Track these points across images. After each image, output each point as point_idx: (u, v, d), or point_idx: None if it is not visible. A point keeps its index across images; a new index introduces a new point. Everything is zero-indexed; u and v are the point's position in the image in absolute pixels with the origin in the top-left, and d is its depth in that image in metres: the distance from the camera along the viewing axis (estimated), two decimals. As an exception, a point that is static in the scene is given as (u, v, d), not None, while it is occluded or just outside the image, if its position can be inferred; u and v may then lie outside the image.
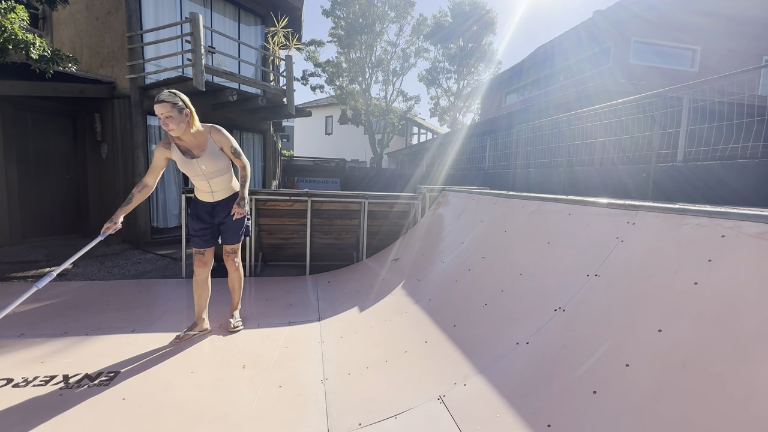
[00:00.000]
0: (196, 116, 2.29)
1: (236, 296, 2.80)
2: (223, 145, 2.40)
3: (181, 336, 2.43)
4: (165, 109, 2.13)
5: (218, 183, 2.47)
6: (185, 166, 2.36)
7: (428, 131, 23.54)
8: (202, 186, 2.47)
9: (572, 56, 11.61)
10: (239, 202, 2.44)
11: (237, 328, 2.68)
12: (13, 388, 1.88)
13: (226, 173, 2.48)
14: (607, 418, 1.30)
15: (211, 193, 2.50)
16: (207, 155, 2.35)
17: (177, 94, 2.19)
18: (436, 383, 1.84)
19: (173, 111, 2.15)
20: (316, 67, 16.34)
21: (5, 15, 3.43)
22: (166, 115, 2.14)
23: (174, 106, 2.15)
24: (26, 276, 3.97)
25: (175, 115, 2.16)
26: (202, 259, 2.56)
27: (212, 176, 2.42)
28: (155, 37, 6.12)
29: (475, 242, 3.09)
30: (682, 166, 4.06)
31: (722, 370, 1.19)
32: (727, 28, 10.12)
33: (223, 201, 2.55)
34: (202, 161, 2.35)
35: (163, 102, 2.13)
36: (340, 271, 4.33)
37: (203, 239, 2.55)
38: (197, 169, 2.36)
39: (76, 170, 6.21)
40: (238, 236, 2.63)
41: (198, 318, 2.58)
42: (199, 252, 2.57)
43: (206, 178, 2.41)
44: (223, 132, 2.41)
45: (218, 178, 2.45)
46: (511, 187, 6.97)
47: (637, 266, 1.73)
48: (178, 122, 2.17)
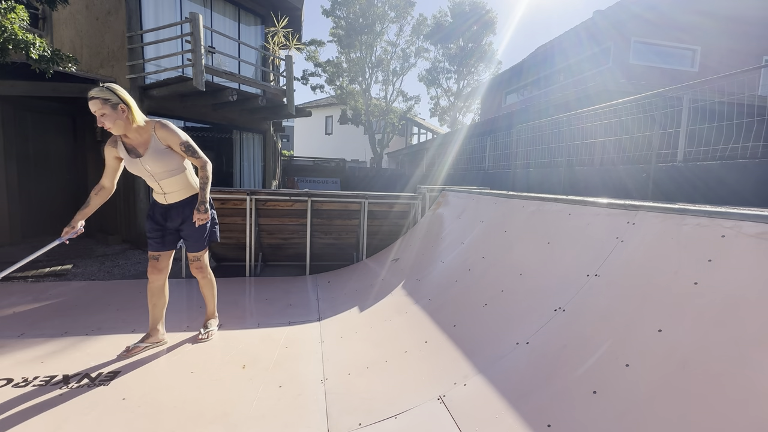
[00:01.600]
0: (136, 111, 2.06)
1: (210, 304, 2.62)
2: (169, 142, 2.15)
3: (131, 348, 2.25)
4: (96, 106, 1.94)
5: (170, 184, 2.24)
6: (131, 165, 2.15)
7: (428, 131, 23.53)
8: (154, 187, 2.26)
9: (572, 56, 11.61)
10: (199, 206, 2.20)
11: (205, 339, 2.49)
12: (13, 388, 1.88)
13: (179, 173, 2.24)
14: (607, 418, 1.30)
15: (163, 195, 2.28)
16: (151, 154, 2.11)
17: (110, 88, 1.98)
18: (436, 383, 1.84)
19: (105, 108, 1.94)
20: (316, 67, 16.34)
21: (5, 15, 3.43)
22: (99, 112, 1.95)
23: (106, 102, 1.94)
24: (26, 276, 3.97)
25: (109, 112, 1.95)
26: (155, 264, 2.32)
27: (162, 177, 2.20)
28: (155, 37, 6.12)
29: (475, 242, 3.09)
30: (682, 166, 4.06)
31: (722, 370, 1.19)
32: (727, 28, 10.12)
33: (177, 204, 2.31)
34: (145, 160, 2.12)
35: (93, 99, 1.93)
36: (340, 271, 4.33)
37: (156, 241, 2.32)
38: (142, 169, 2.15)
39: (76, 170, 6.21)
40: (201, 244, 2.40)
41: (152, 329, 2.38)
42: (152, 256, 2.33)
43: (155, 179, 2.20)
44: (170, 127, 2.15)
45: (170, 178, 2.22)
46: (511, 187, 6.97)
47: (637, 266, 1.73)
48: (113, 119, 1.97)
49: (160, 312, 2.40)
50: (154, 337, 2.37)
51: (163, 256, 2.35)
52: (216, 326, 2.64)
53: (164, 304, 2.41)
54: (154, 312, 2.38)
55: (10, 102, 5.22)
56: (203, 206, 2.21)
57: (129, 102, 2.03)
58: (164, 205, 2.31)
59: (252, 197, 4.16)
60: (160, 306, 2.39)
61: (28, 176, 5.57)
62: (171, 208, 2.30)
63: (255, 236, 4.29)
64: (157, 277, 2.34)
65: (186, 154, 2.19)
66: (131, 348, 2.26)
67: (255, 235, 4.29)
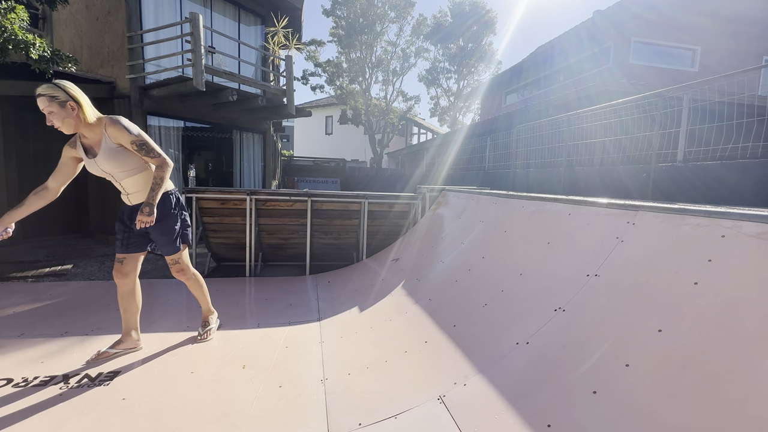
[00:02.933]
0: (87, 108, 1.93)
1: (203, 303, 2.56)
2: (120, 140, 1.99)
3: (101, 352, 2.17)
4: (43, 103, 1.82)
5: (131, 184, 2.11)
6: (89, 166, 2.04)
7: (428, 131, 23.54)
8: (117, 187, 2.15)
9: (572, 56, 11.61)
10: (143, 208, 1.97)
11: (205, 338, 2.47)
12: (13, 388, 1.88)
13: (139, 172, 2.09)
14: (607, 418, 1.30)
15: (126, 195, 2.16)
16: (103, 153, 1.98)
17: (59, 84, 1.86)
18: (436, 383, 1.84)
19: (53, 105, 1.82)
20: (317, 67, 16.35)
21: (5, 15, 3.44)
22: (47, 110, 1.84)
23: (53, 100, 1.83)
24: (26, 276, 3.98)
25: (56, 110, 1.83)
26: (119, 268, 2.20)
27: (121, 176, 2.07)
28: (155, 37, 6.13)
29: (475, 242, 3.09)
30: (682, 166, 4.06)
31: (722, 370, 1.19)
32: (727, 28, 10.12)
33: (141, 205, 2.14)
34: (99, 160, 1.99)
35: (40, 96, 1.82)
36: (340, 271, 4.33)
37: (121, 242, 2.20)
38: (98, 169, 2.03)
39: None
40: (172, 246, 2.27)
41: (124, 334, 2.28)
42: (117, 258, 2.22)
43: (114, 179, 2.09)
44: (121, 124, 1.98)
45: (129, 178, 2.08)
46: (511, 187, 6.97)
47: (637, 266, 1.73)
48: (62, 118, 1.85)
49: (132, 317, 2.28)
50: (127, 343, 2.27)
51: (128, 259, 2.22)
52: (215, 323, 2.62)
53: (136, 309, 2.30)
54: (126, 317, 2.27)
55: (10, 102, 5.22)
56: (147, 208, 1.97)
57: (79, 99, 1.90)
58: (130, 206, 2.19)
59: (252, 197, 4.16)
60: (131, 311, 2.27)
61: (28, 176, 5.57)
62: (135, 210, 2.17)
63: (255, 236, 4.29)
64: (123, 281, 2.22)
65: (139, 152, 2.02)
66: (102, 352, 2.17)
67: (255, 235, 4.29)
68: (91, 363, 2.12)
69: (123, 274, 2.22)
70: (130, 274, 2.23)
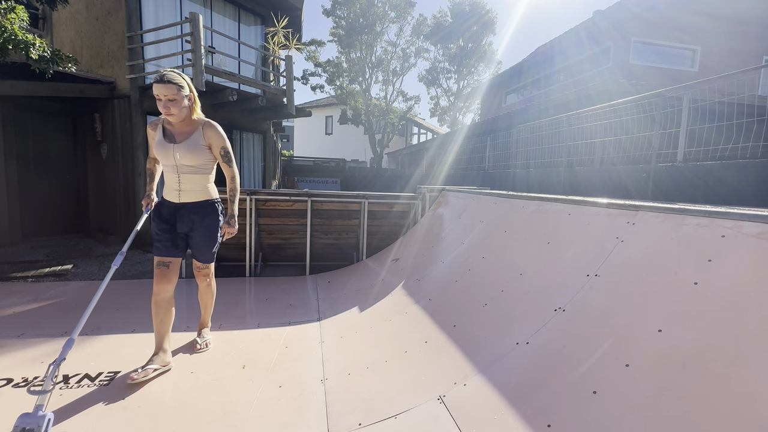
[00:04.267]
0: (198, 103, 2.08)
1: (207, 313, 2.46)
2: (212, 142, 2.09)
3: (139, 372, 1.91)
4: (170, 91, 1.89)
5: (190, 181, 2.10)
6: (160, 149, 2.03)
7: (428, 131, 23.54)
8: (171, 180, 2.10)
9: (572, 56, 11.61)
10: (229, 220, 2.16)
11: (203, 349, 2.36)
12: (13, 388, 1.88)
13: (203, 173, 2.12)
14: (607, 418, 1.30)
15: (178, 191, 2.10)
16: (186, 144, 2.02)
17: (183, 75, 1.97)
18: (436, 383, 1.84)
19: (178, 94, 1.92)
20: (317, 67, 16.35)
21: (5, 15, 3.43)
22: (170, 97, 1.90)
23: (180, 89, 1.92)
24: (26, 276, 3.97)
25: (180, 99, 1.93)
26: (164, 273, 2.05)
27: (185, 171, 2.07)
28: (155, 37, 6.12)
29: (475, 242, 3.09)
30: (682, 166, 4.06)
31: (722, 370, 1.19)
32: (727, 28, 10.12)
33: (189, 205, 2.12)
34: (178, 149, 2.01)
35: (169, 83, 1.88)
36: (340, 271, 4.33)
37: (165, 244, 2.09)
38: (170, 156, 2.02)
39: (76, 170, 6.21)
40: (211, 254, 2.25)
41: (159, 348, 2.06)
42: (161, 262, 2.06)
43: (177, 171, 2.07)
44: (219, 129, 2.11)
45: (192, 175, 2.09)
46: (511, 187, 6.97)
47: (637, 266, 1.73)
48: (180, 107, 1.94)
49: (167, 329, 2.09)
50: (162, 358, 2.04)
51: (174, 262, 2.10)
52: (210, 335, 2.49)
53: (171, 319, 2.12)
54: (161, 329, 2.07)
55: (10, 102, 5.22)
56: (233, 220, 2.18)
57: (195, 93, 2.03)
58: (174, 204, 2.12)
59: (252, 197, 4.16)
60: (167, 322, 2.09)
61: (28, 176, 5.57)
62: (181, 208, 2.12)
63: (255, 236, 4.29)
64: (165, 288, 2.05)
65: (222, 159, 2.14)
66: (140, 373, 1.91)
67: (255, 235, 4.29)
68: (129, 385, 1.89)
69: (168, 280, 2.05)
70: (174, 279, 2.09)
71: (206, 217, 2.15)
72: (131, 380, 1.89)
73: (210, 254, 2.25)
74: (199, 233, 2.15)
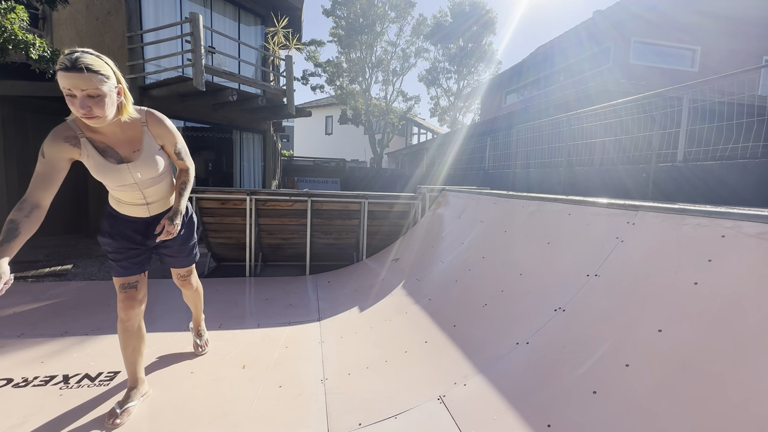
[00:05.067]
0: (130, 96, 1.46)
1: (199, 311, 2.27)
2: (165, 140, 1.61)
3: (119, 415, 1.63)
4: (89, 83, 1.26)
5: (156, 192, 1.69)
6: (107, 174, 1.50)
7: (428, 131, 23.54)
8: (131, 198, 1.65)
9: (572, 56, 11.62)
10: (171, 216, 1.62)
11: (204, 349, 2.28)
12: (13, 388, 1.88)
13: (165, 178, 1.72)
14: (607, 418, 1.30)
15: (146, 206, 1.70)
16: (144, 158, 1.54)
17: (104, 58, 1.34)
18: (436, 383, 1.84)
19: (102, 87, 1.29)
20: (317, 67, 16.36)
21: (5, 15, 3.44)
22: (90, 92, 1.27)
23: (105, 81, 1.30)
24: (26, 276, 3.97)
25: (105, 95, 1.31)
26: (133, 296, 1.71)
27: (148, 184, 1.63)
28: (155, 37, 6.13)
29: (475, 242, 3.09)
30: (682, 166, 4.06)
31: (722, 370, 1.19)
32: (727, 28, 10.12)
33: (161, 215, 1.77)
34: (136, 167, 1.53)
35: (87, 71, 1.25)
36: (340, 271, 4.33)
37: (130, 262, 1.72)
38: (128, 177, 1.54)
39: (76, 170, 6.19)
40: (191, 257, 1.98)
41: (134, 380, 1.78)
42: (127, 284, 1.70)
43: (139, 188, 1.62)
44: (166, 123, 1.60)
45: (155, 186, 1.67)
46: (511, 187, 6.97)
47: (637, 266, 1.73)
48: (106, 106, 1.33)
49: (139, 356, 1.79)
50: (140, 389, 1.79)
51: (141, 280, 1.77)
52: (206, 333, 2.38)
53: (145, 344, 1.82)
54: (134, 358, 1.76)
55: (10, 102, 5.22)
56: (177, 215, 1.64)
57: (124, 83, 1.43)
58: (143, 219, 1.73)
59: (252, 197, 4.16)
60: (140, 348, 1.79)
61: (28, 176, 5.54)
62: (153, 222, 1.74)
63: (255, 236, 4.29)
64: (136, 312, 1.72)
65: (177, 158, 1.71)
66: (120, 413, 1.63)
67: (255, 235, 4.29)
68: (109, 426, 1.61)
69: (138, 302, 1.74)
70: (143, 299, 1.78)
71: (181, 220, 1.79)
72: (112, 425, 1.59)
73: (192, 256, 2.00)
74: (175, 240, 1.84)
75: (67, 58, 1.25)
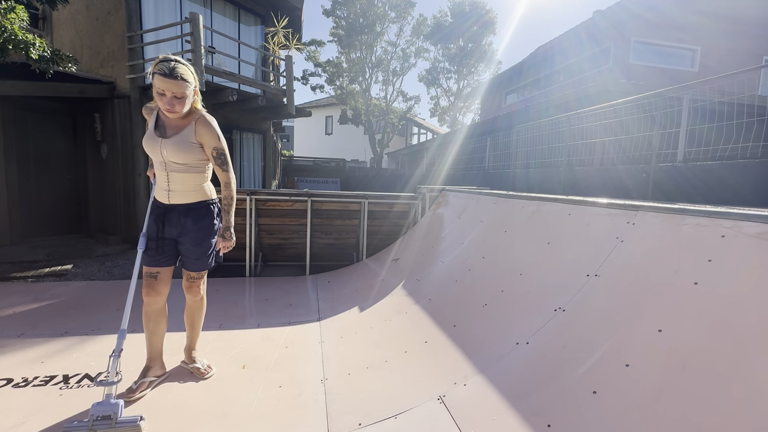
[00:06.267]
0: (200, 96, 1.87)
1: (196, 334, 2.13)
2: (204, 140, 1.81)
3: (134, 388, 1.82)
4: (179, 88, 1.66)
5: (180, 180, 1.83)
6: (148, 142, 1.79)
7: (428, 131, 23.54)
8: (160, 179, 1.85)
9: (572, 56, 11.61)
10: (224, 233, 1.89)
11: (209, 372, 2.07)
12: (13, 388, 1.88)
13: (195, 172, 1.85)
14: (607, 418, 1.30)
15: (167, 191, 1.84)
16: (175, 141, 1.76)
17: (189, 67, 1.73)
18: (436, 383, 1.84)
19: (188, 91, 1.70)
20: (317, 67, 16.37)
21: (5, 15, 3.43)
22: (179, 94, 1.67)
23: (189, 86, 1.70)
24: (26, 276, 3.97)
25: (186, 97, 1.71)
26: (152, 284, 1.86)
27: (175, 168, 1.81)
28: (155, 37, 6.12)
29: (475, 242, 3.09)
30: (682, 166, 4.06)
31: (722, 370, 1.19)
32: (727, 28, 10.12)
33: (180, 207, 1.86)
34: (166, 144, 1.76)
35: (180, 80, 1.65)
36: (340, 271, 4.33)
37: (149, 253, 1.86)
38: (158, 151, 1.77)
39: (76, 170, 6.21)
40: (204, 261, 1.96)
41: (151, 360, 1.93)
42: (149, 274, 1.86)
43: (165, 168, 1.81)
44: (213, 127, 1.82)
45: (182, 174, 1.82)
46: (511, 187, 6.97)
47: (637, 266, 1.73)
48: (185, 105, 1.73)
49: (159, 340, 1.95)
50: (155, 370, 1.93)
51: (164, 272, 1.89)
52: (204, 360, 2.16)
53: (164, 330, 1.96)
54: (153, 339, 1.93)
55: (10, 102, 5.21)
56: (228, 232, 1.88)
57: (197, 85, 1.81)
58: (164, 206, 1.87)
59: (252, 197, 4.16)
60: (159, 333, 1.93)
61: (28, 176, 5.56)
62: (171, 210, 1.86)
63: (255, 236, 4.29)
64: (155, 300, 1.88)
65: (215, 161, 1.86)
66: (135, 388, 1.81)
67: (255, 235, 4.29)
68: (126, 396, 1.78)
69: (157, 292, 1.87)
70: (164, 291, 1.90)
71: (199, 220, 1.89)
72: (128, 398, 1.77)
73: (203, 261, 1.95)
74: (189, 238, 1.88)
75: (165, 65, 1.64)
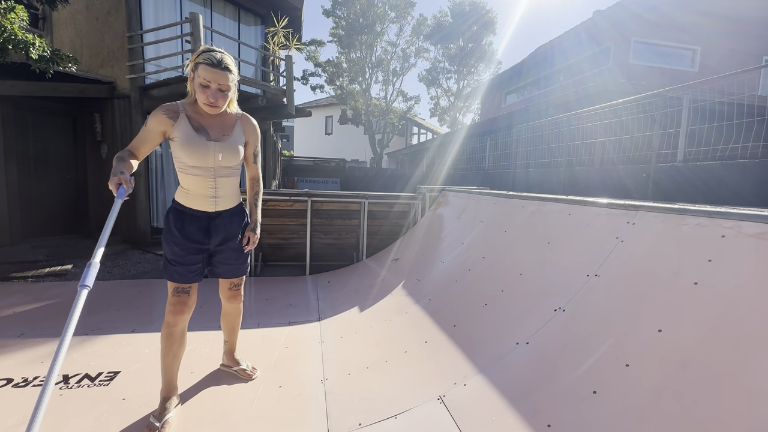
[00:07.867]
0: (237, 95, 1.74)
1: (236, 335, 2.09)
2: (251, 139, 1.77)
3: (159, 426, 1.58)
4: (226, 79, 1.54)
5: (226, 185, 1.71)
6: (192, 147, 1.58)
7: (428, 131, 23.54)
8: (202, 186, 1.65)
9: (572, 56, 11.61)
10: (253, 227, 1.83)
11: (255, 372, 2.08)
12: (13, 388, 1.88)
13: (237, 175, 1.78)
14: (607, 418, 1.30)
15: (214, 198, 1.69)
16: (230, 142, 1.66)
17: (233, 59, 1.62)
18: (436, 383, 1.84)
19: (231, 84, 1.59)
20: (317, 67, 16.36)
21: (5, 15, 3.43)
22: (224, 87, 1.55)
23: (234, 79, 1.60)
24: (26, 276, 3.97)
25: (231, 88, 1.60)
26: (184, 301, 1.69)
27: (223, 173, 1.68)
28: (155, 37, 6.12)
29: (475, 242, 3.09)
30: (682, 166, 4.06)
31: (722, 370, 1.19)
32: (727, 28, 10.12)
33: (226, 213, 1.75)
34: (221, 147, 1.63)
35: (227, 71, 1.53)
36: (340, 271, 4.33)
37: (189, 268, 1.69)
38: (210, 156, 1.61)
39: (76, 170, 6.21)
40: (246, 266, 1.93)
41: (169, 390, 1.73)
42: (181, 290, 1.69)
43: (214, 174, 1.66)
44: (256, 125, 1.80)
45: (228, 178, 1.72)
46: (511, 187, 6.97)
47: (637, 266, 1.73)
48: (227, 100, 1.61)
49: (179, 363, 1.77)
50: (175, 399, 1.74)
51: (194, 287, 1.75)
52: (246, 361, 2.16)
53: (183, 353, 1.79)
54: (173, 365, 1.73)
55: (10, 102, 5.21)
56: (258, 227, 1.86)
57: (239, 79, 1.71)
58: (208, 214, 1.70)
59: (252, 197, 4.15)
60: (180, 355, 1.76)
61: (28, 176, 5.56)
62: (217, 218, 1.73)
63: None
64: (183, 318, 1.71)
65: (254, 159, 1.83)
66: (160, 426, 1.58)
67: (255, 235, 4.29)
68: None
69: (188, 308, 1.72)
70: (193, 306, 1.75)
71: (241, 222, 1.83)
72: None
73: (245, 265, 1.92)
74: (233, 243, 1.80)
75: (212, 56, 1.51)
